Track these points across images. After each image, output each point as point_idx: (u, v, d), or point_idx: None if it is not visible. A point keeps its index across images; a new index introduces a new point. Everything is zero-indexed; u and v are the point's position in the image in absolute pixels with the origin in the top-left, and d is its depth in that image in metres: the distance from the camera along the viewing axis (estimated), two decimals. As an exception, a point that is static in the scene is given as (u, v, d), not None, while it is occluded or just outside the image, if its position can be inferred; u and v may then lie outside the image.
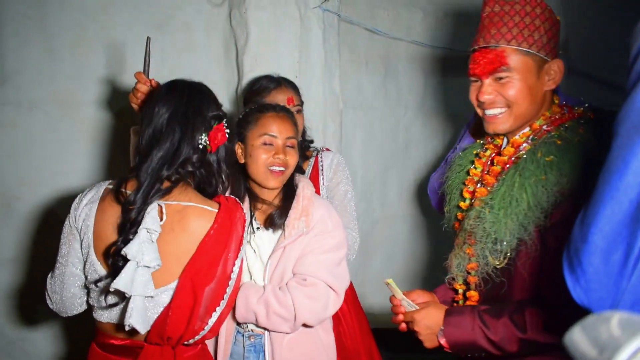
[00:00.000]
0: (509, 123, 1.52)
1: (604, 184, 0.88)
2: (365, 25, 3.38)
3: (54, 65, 2.79)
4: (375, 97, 3.61)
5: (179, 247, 1.51)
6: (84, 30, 2.81)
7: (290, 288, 1.72)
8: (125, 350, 1.56)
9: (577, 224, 0.93)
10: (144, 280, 1.44)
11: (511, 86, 1.48)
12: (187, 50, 3.01)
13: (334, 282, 1.75)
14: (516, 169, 1.48)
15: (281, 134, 1.79)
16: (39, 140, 2.79)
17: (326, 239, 1.78)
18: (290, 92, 2.25)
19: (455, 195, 1.72)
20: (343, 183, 2.26)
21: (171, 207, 1.52)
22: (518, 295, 1.47)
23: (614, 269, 0.86)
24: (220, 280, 1.52)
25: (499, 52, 1.47)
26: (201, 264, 1.50)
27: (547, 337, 1.36)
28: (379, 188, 3.69)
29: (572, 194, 1.35)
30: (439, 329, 1.51)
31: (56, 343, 2.90)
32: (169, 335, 1.51)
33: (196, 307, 1.50)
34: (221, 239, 1.52)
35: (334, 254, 1.79)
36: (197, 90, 1.63)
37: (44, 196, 2.82)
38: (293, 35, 2.89)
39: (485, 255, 1.49)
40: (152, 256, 1.44)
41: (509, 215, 1.43)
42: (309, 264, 1.75)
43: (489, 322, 1.43)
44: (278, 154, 1.77)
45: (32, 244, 2.82)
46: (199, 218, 1.52)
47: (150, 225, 1.46)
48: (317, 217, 1.79)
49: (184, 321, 1.50)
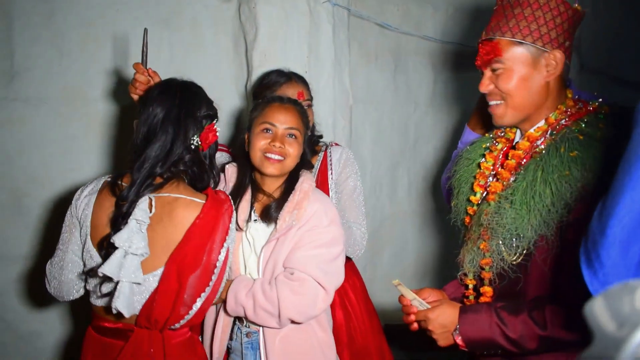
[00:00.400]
0: (508, 115, 1.52)
1: (624, 174, 0.86)
2: (375, 20, 3.35)
3: (63, 62, 2.78)
4: (385, 92, 3.59)
5: (167, 236, 1.60)
6: (93, 26, 2.81)
7: (278, 282, 1.71)
8: (118, 333, 1.65)
9: (595, 217, 0.91)
10: (133, 267, 1.54)
11: (504, 78, 1.48)
12: (196, 45, 2.99)
13: (323, 278, 1.72)
14: (537, 163, 1.46)
15: (281, 123, 1.81)
16: (48, 136, 2.79)
17: (320, 234, 1.76)
18: (301, 86, 2.25)
19: (465, 189, 1.71)
20: (352, 178, 2.24)
21: (161, 200, 1.62)
22: (533, 291, 1.45)
23: (633, 261, 0.84)
24: (205, 268, 1.60)
25: (494, 43, 1.49)
26: (186, 252, 1.58)
27: (568, 334, 1.34)
28: (388, 184, 3.67)
29: (595, 189, 1.33)
30: (455, 327, 1.49)
31: (66, 339, 2.91)
32: (156, 319, 1.59)
33: (181, 292, 1.58)
34: (206, 228, 1.60)
35: (326, 249, 1.76)
36: (190, 90, 1.72)
37: (54, 192, 2.82)
38: (303, 30, 2.87)
39: (501, 251, 1.47)
40: (140, 244, 1.54)
41: (532, 211, 1.41)
42: (298, 258, 1.73)
43: (507, 320, 1.41)
44: (275, 142, 1.78)
45: (42, 241, 2.82)
46: (186, 209, 1.61)
47: (139, 217, 1.56)
48: (311, 211, 1.77)
49: (169, 305, 1.59)
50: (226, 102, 2.98)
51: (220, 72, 3.04)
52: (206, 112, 1.70)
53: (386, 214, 3.66)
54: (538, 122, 1.53)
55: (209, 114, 1.71)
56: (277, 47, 2.85)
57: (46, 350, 2.88)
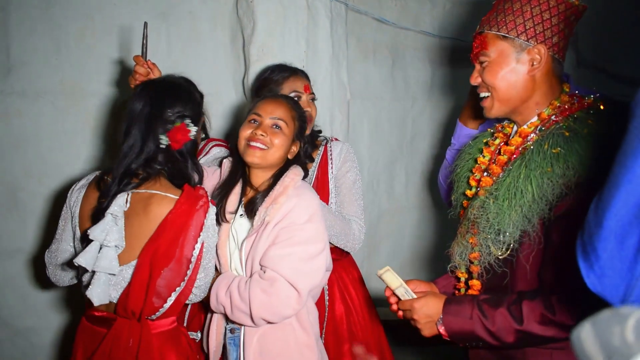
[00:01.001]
0: (495, 107, 1.54)
1: (620, 167, 0.86)
2: (373, 14, 3.35)
3: (60, 55, 2.77)
4: (383, 87, 3.59)
5: (142, 229, 1.67)
6: (90, 19, 2.79)
7: (251, 281, 1.69)
8: (103, 321, 1.73)
9: (591, 210, 0.91)
10: (108, 259, 1.62)
11: (488, 70, 1.51)
12: (193, 39, 2.98)
13: (296, 278, 1.66)
14: (522, 160, 1.47)
15: (267, 113, 1.81)
16: (44, 130, 2.77)
17: (295, 231, 1.70)
18: (305, 80, 2.25)
19: (463, 183, 1.73)
20: (351, 172, 2.24)
21: (138, 195, 1.69)
22: (520, 286, 1.47)
23: (629, 254, 0.84)
24: (179, 261, 1.65)
25: (482, 37, 1.53)
26: (158, 245, 1.64)
27: (543, 329, 1.36)
28: (385, 179, 3.67)
29: (578, 186, 1.34)
30: (438, 318, 1.51)
31: (61, 334, 2.91)
32: (132, 309, 1.66)
33: (152, 283, 1.64)
34: (177, 222, 1.65)
35: (301, 248, 1.70)
36: (164, 89, 1.78)
37: (49, 187, 2.80)
38: (300, 24, 2.86)
39: (488, 245, 1.49)
40: (114, 237, 1.62)
41: (513, 206, 1.43)
42: (271, 257, 1.69)
43: (488, 312, 1.43)
44: (258, 130, 1.78)
45: (38, 235, 2.81)
46: (160, 204, 1.68)
47: (114, 211, 1.64)
48: (288, 207, 1.72)
49: (142, 296, 1.65)
50: (223, 96, 2.98)
51: (217, 66, 3.03)
52: (178, 112, 1.74)
53: (383, 209, 3.67)
54: (531, 117, 1.53)
55: (182, 114, 1.75)
56: (274, 41, 2.84)
57: (42, 346, 2.88)
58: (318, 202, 1.81)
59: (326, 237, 1.79)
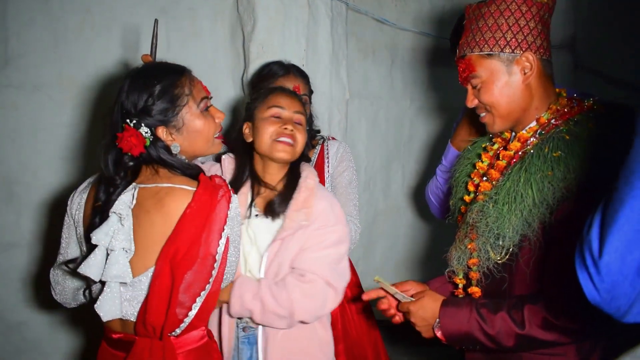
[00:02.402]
0: (497, 123, 1.53)
1: (625, 184, 0.86)
2: (373, 15, 3.35)
3: (58, 48, 2.75)
4: (382, 87, 3.59)
5: (156, 229, 1.44)
6: (89, 13, 2.78)
7: (289, 284, 1.67)
8: (121, 344, 1.51)
9: (595, 223, 0.91)
10: (118, 266, 1.40)
11: (483, 92, 1.50)
12: (193, 35, 2.97)
13: (334, 279, 1.71)
14: (522, 164, 1.46)
15: (289, 107, 1.77)
16: (41, 123, 2.76)
17: (328, 233, 1.73)
18: (298, 80, 2.22)
19: (461, 188, 1.72)
20: (348, 172, 2.24)
21: (147, 190, 1.47)
22: (519, 291, 1.46)
23: (631, 269, 0.85)
24: (203, 262, 1.43)
25: (466, 60, 1.51)
26: (179, 246, 1.41)
27: (545, 334, 1.36)
28: (382, 179, 3.67)
29: (578, 190, 1.33)
30: (435, 321, 1.50)
31: (55, 329, 2.89)
32: (152, 324, 1.44)
33: (174, 292, 1.41)
34: (200, 217, 1.43)
35: (335, 249, 1.74)
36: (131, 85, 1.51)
37: (45, 181, 2.78)
38: (301, 23, 2.86)
39: (487, 250, 1.48)
40: (121, 239, 1.40)
41: (513, 211, 1.42)
42: (308, 260, 1.71)
43: (486, 316, 1.42)
44: (286, 125, 1.74)
45: (34, 229, 2.79)
46: (175, 198, 1.44)
47: (119, 209, 1.42)
48: (318, 210, 1.74)
49: (163, 308, 1.43)
50: (222, 92, 2.97)
51: (216, 63, 3.02)
52: (125, 110, 1.49)
53: (380, 208, 3.67)
54: (529, 122, 1.52)
55: (123, 112, 1.49)
56: (274, 39, 2.83)
57: (35, 341, 2.86)
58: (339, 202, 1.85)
59: (348, 236, 1.83)
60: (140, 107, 1.48)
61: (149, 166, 1.51)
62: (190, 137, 1.54)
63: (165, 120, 1.50)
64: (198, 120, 1.55)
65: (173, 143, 1.52)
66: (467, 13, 1.55)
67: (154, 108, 1.48)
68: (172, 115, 1.50)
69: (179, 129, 1.52)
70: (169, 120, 1.50)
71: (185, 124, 1.52)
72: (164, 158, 1.50)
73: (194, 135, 1.55)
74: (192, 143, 1.56)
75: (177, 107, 1.51)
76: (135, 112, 1.48)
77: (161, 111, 1.49)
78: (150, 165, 1.51)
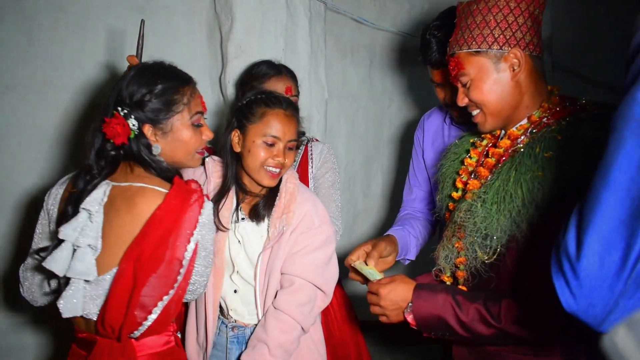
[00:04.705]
0: (489, 121, 1.51)
1: (601, 183, 0.83)
2: (352, 15, 3.35)
3: (31, 48, 2.69)
4: (361, 87, 3.59)
5: (125, 229, 1.44)
6: (63, 12, 2.72)
7: (281, 303, 1.70)
8: (85, 343, 1.52)
9: (571, 226, 0.88)
10: (85, 262, 1.40)
11: (473, 89, 1.49)
12: (169, 35, 2.93)
13: (323, 283, 1.74)
14: (512, 163, 1.45)
15: (285, 136, 1.73)
16: (15, 125, 2.70)
17: (313, 236, 1.74)
18: (289, 81, 2.24)
19: (448, 184, 1.70)
20: (330, 173, 2.25)
21: (119, 189, 1.47)
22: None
23: (610, 272, 0.81)
24: (169, 265, 1.42)
25: (455, 58, 1.50)
26: (144, 247, 1.41)
27: (519, 330, 1.35)
28: (362, 179, 3.67)
29: (569, 191, 1.31)
30: (407, 304, 1.48)
31: (38, 335, 2.84)
32: (111, 325, 1.44)
33: (135, 293, 1.41)
34: (169, 220, 1.42)
35: (321, 251, 1.75)
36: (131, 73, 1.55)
37: (20, 184, 2.72)
38: (279, 22, 2.84)
39: (475, 250, 1.47)
40: (89, 236, 1.41)
41: (502, 211, 1.40)
42: (296, 265, 1.73)
43: (462, 303, 1.41)
44: (278, 157, 1.72)
45: (6, 234, 2.73)
46: (145, 198, 1.45)
47: (89, 206, 1.43)
48: (302, 213, 1.74)
49: (122, 309, 1.42)
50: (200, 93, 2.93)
51: (194, 63, 2.98)
52: (119, 99, 1.51)
53: (359, 208, 3.67)
54: (520, 120, 1.51)
55: (122, 102, 1.51)
56: (252, 39, 2.81)
57: (17, 345, 2.80)
58: (321, 203, 1.85)
59: (334, 235, 1.84)
60: (136, 99, 1.50)
61: (126, 164, 1.52)
62: (174, 144, 1.56)
63: (155, 120, 1.52)
64: (186, 130, 1.56)
65: (155, 144, 1.53)
66: (457, 11, 1.54)
67: (148, 104, 1.50)
68: (164, 117, 1.53)
69: (166, 133, 1.54)
70: (158, 121, 1.52)
71: (172, 130, 1.54)
72: (143, 155, 1.51)
73: (177, 144, 1.56)
74: (174, 150, 1.57)
75: (171, 112, 1.53)
76: (130, 103, 1.50)
77: (154, 110, 1.51)
78: (128, 163, 1.52)
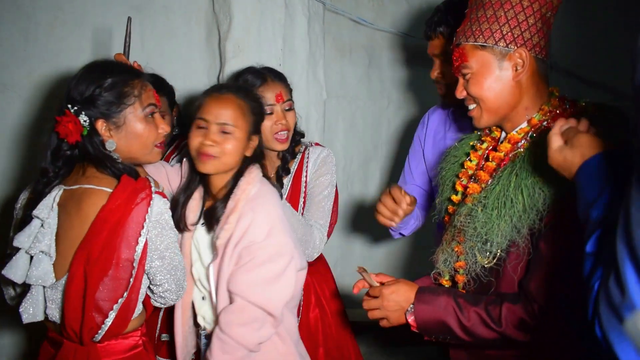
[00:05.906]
0: (484, 117, 1.49)
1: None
2: (350, 14, 3.34)
3: (28, 46, 2.69)
4: (359, 87, 3.58)
5: (74, 232, 1.43)
6: (60, 10, 2.72)
7: (221, 323, 1.60)
8: (55, 343, 1.54)
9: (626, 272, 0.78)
10: (42, 269, 1.40)
11: (472, 83, 1.46)
12: (167, 34, 2.93)
13: (266, 302, 1.59)
14: (513, 167, 1.43)
15: (214, 117, 1.65)
16: (11, 124, 2.69)
17: (257, 250, 1.60)
18: (279, 86, 2.04)
19: (448, 187, 1.68)
20: (325, 177, 2.09)
21: (69, 192, 1.46)
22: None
23: None
24: (118, 267, 1.42)
25: (460, 49, 1.47)
26: (91, 249, 1.40)
27: (520, 334, 1.35)
28: (360, 179, 3.66)
29: (570, 196, 1.27)
30: (409, 306, 1.48)
31: (19, 341, 2.82)
32: (72, 328, 1.44)
33: (87, 297, 1.40)
34: (112, 220, 1.41)
35: (266, 268, 1.60)
36: (84, 74, 1.53)
37: (18, 184, 2.72)
38: (277, 22, 2.84)
39: (474, 254, 1.45)
40: (42, 243, 1.40)
41: (502, 216, 1.39)
42: (238, 282, 1.60)
43: (464, 306, 1.41)
44: (207, 139, 1.64)
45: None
46: (91, 200, 1.43)
47: (39, 212, 1.42)
48: (244, 225, 1.61)
49: (78, 313, 1.42)
50: (197, 92, 2.91)
51: (191, 62, 2.98)
52: (70, 97, 1.49)
53: (357, 209, 3.66)
54: (520, 123, 1.48)
55: (68, 98, 1.49)
56: (251, 38, 2.80)
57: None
58: (277, 211, 1.69)
59: (290, 244, 1.66)
60: (87, 95, 1.47)
61: (80, 166, 1.51)
62: (128, 138, 1.54)
63: (107, 114, 1.50)
64: (140, 123, 1.54)
65: (110, 139, 1.51)
66: (470, 1, 1.51)
67: (99, 99, 1.48)
68: (116, 111, 1.50)
69: (119, 127, 1.52)
70: (110, 115, 1.50)
71: (126, 123, 1.52)
72: (96, 152, 1.49)
73: (132, 138, 1.54)
74: (129, 145, 1.55)
75: (122, 105, 1.51)
76: (80, 100, 1.48)
77: (105, 103, 1.49)
78: (82, 164, 1.51)
